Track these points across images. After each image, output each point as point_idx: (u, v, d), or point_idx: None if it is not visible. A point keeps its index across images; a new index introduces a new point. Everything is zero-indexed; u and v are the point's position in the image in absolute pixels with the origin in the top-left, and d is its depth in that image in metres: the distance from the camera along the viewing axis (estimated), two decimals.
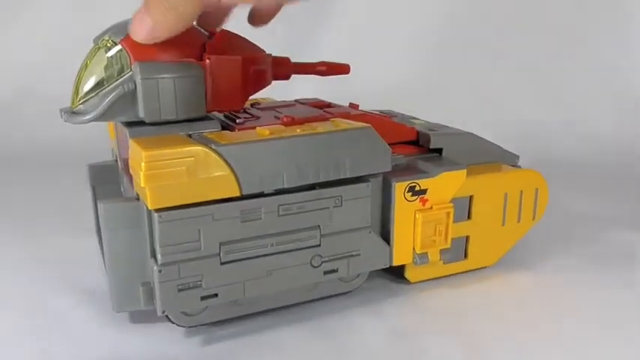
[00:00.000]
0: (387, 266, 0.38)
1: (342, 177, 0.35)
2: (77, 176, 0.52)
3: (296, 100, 0.46)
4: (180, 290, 0.32)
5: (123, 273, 0.33)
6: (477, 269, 0.43)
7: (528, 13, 0.91)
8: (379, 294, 0.40)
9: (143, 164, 0.29)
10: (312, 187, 0.34)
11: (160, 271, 0.31)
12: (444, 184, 0.38)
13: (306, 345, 0.34)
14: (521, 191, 0.42)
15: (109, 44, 0.34)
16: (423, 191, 0.38)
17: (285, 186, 0.33)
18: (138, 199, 0.33)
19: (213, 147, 0.31)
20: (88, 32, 0.38)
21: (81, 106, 0.34)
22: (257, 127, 0.35)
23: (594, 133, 0.82)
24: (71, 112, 0.34)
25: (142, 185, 0.30)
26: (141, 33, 0.32)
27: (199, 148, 0.31)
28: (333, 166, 0.34)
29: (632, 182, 0.67)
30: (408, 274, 0.40)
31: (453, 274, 0.42)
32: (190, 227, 0.31)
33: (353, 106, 0.44)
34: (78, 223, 0.51)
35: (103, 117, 0.33)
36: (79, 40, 0.46)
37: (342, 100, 0.47)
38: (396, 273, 0.41)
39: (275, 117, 0.39)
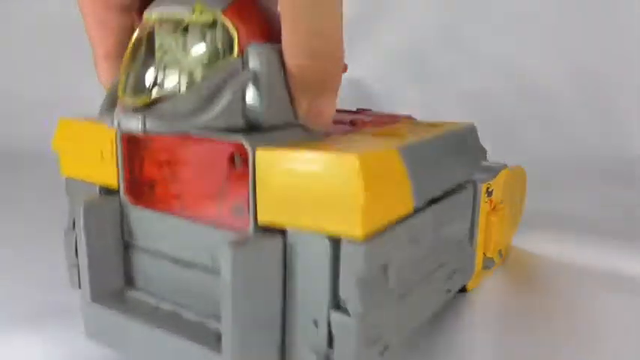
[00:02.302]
0: (473, 275, 0.35)
1: (462, 180, 0.31)
2: None
3: None
4: (368, 346, 0.23)
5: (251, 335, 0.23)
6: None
7: (519, 13, 0.91)
8: None
9: (357, 173, 0.21)
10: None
11: (356, 325, 0.22)
12: (503, 183, 0.37)
13: None
14: (520, 188, 0.44)
15: (202, 16, 0.23)
16: (491, 192, 0.36)
17: (439, 193, 0.28)
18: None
19: (394, 148, 0.24)
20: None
21: (166, 104, 0.22)
22: (361, 129, 0.29)
23: (580, 134, 0.85)
24: (160, 116, 0.22)
25: (361, 203, 0.21)
26: (329, 120, 0.26)
27: (389, 150, 0.23)
28: (460, 169, 0.30)
29: (624, 184, 0.68)
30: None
31: None
32: (380, 258, 0.23)
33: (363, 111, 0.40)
34: None
35: (215, 121, 0.22)
36: (79, 40, 0.37)
37: (342, 99, 0.42)
38: None
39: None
